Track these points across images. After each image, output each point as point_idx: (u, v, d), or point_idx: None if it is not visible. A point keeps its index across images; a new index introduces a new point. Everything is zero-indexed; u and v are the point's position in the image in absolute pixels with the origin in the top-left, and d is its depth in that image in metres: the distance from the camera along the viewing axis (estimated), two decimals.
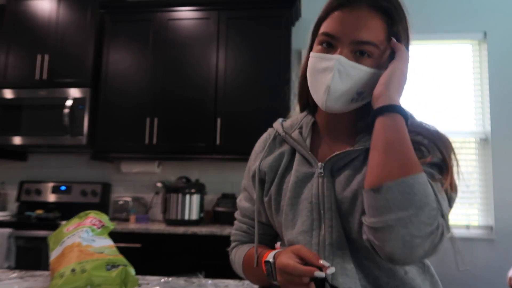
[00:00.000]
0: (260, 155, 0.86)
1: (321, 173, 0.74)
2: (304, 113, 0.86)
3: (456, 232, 2.73)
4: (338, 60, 0.70)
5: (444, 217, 0.63)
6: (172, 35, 2.78)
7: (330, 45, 0.73)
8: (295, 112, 0.92)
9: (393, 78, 0.68)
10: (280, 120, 0.88)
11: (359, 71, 0.70)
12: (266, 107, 2.58)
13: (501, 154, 2.76)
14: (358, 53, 0.71)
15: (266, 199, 0.82)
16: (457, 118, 2.87)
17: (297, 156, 0.80)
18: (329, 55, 0.71)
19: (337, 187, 0.73)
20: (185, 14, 2.80)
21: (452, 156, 0.70)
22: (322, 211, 0.72)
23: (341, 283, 0.65)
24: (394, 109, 0.65)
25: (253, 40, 2.70)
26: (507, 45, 2.85)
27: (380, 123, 0.65)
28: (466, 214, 2.80)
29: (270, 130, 0.92)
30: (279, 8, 2.69)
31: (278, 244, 0.75)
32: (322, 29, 0.74)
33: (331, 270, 0.61)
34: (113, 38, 2.83)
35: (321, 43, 0.74)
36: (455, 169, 0.69)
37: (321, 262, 0.62)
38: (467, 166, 2.87)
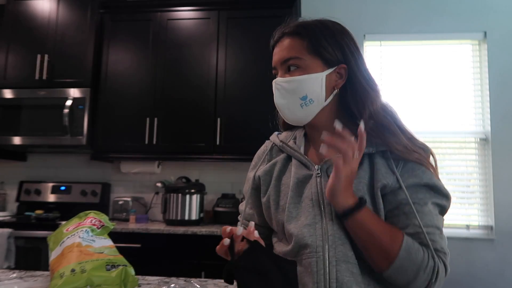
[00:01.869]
0: (258, 163, 0.98)
1: (318, 173, 0.85)
2: (296, 128, 1.00)
3: (456, 232, 2.73)
4: (275, 82, 0.89)
5: (445, 256, 0.79)
6: (172, 35, 2.78)
7: (276, 75, 0.92)
8: None
9: (334, 187, 0.76)
10: (276, 133, 1.02)
11: (291, 82, 0.86)
12: (265, 107, 2.57)
13: (501, 154, 2.76)
14: (288, 69, 0.88)
15: (264, 199, 0.91)
16: (457, 118, 2.87)
17: (294, 162, 0.90)
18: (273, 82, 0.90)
19: None
20: (185, 14, 2.80)
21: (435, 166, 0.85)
22: (322, 207, 0.81)
23: (343, 269, 0.76)
24: (349, 213, 0.76)
25: (253, 40, 2.70)
26: (507, 45, 2.85)
27: (347, 227, 0.78)
28: (466, 214, 2.80)
29: (267, 142, 1.03)
30: (279, 8, 2.69)
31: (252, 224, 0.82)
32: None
33: (239, 230, 0.73)
34: (113, 38, 2.83)
35: (274, 76, 0.93)
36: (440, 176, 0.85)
37: (229, 229, 0.74)
38: (467, 166, 2.87)
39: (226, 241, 0.72)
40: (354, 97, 0.86)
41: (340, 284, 0.75)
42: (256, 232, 0.76)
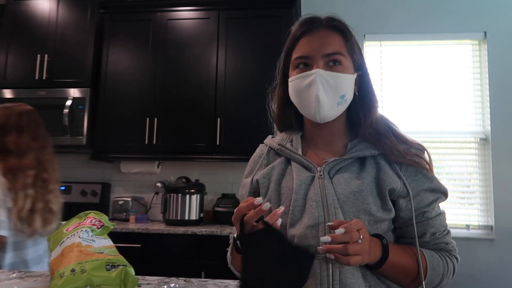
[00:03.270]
0: (255, 168, 0.95)
1: (321, 175, 0.84)
2: (291, 130, 0.99)
3: (456, 232, 2.73)
4: (317, 72, 0.83)
5: (455, 251, 0.88)
6: (172, 35, 2.78)
7: (306, 65, 0.86)
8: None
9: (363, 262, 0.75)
10: (270, 136, 1.01)
11: (336, 78, 0.83)
12: (266, 108, 2.57)
13: (501, 154, 2.76)
14: (331, 63, 0.84)
15: None
16: (457, 118, 2.87)
17: (294, 164, 0.89)
18: (308, 72, 0.84)
19: (337, 187, 0.83)
20: (185, 14, 2.80)
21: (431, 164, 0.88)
22: (325, 208, 0.80)
23: (346, 270, 0.76)
24: (382, 262, 0.77)
25: (253, 40, 2.70)
26: (507, 45, 2.85)
27: (381, 271, 0.80)
28: (466, 214, 2.80)
29: (262, 146, 1.02)
30: (279, 8, 2.69)
31: None
32: (295, 55, 0.88)
33: (266, 206, 0.71)
34: (113, 38, 2.83)
35: (297, 67, 0.87)
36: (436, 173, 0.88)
37: (255, 200, 0.72)
38: (467, 166, 2.87)
39: (267, 205, 0.71)
40: (362, 104, 0.89)
41: (344, 286, 0.75)
42: (280, 221, 0.72)
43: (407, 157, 0.84)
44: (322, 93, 0.83)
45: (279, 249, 0.68)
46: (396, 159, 0.84)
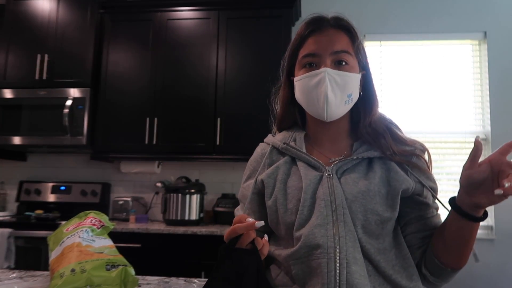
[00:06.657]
0: (258, 168, 0.94)
1: (329, 174, 0.84)
2: (293, 129, 0.98)
3: None
4: (326, 71, 0.84)
5: None
6: (172, 35, 2.78)
7: (311, 65, 0.87)
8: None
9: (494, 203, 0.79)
10: (270, 135, 1.00)
11: (344, 76, 0.85)
12: (266, 107, 2.57)
13: None
14: (337, 62, 0.86)
15: (270, 203, 0.88)
16: (457, 118, 2.87)
17: (300, 164, 0.88)
18: (317, 71, 0.86)
19: (345, 187, 0.83)
20: (185, 14, 2.80)
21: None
22: (333, 208, 0.80)
23: (353, 270, 0.75)
24: (484, 218, 0.82)
25: (253, 40, 2.70)
26: (507, 45, 2.85)
27: (471, 229, 0.80)
28: None
29: (263, 145, 1.00)
30: (279, 8, 2.69)
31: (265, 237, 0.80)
32: (302, 54, 0.89)
33: (259, 224, 0.71)
34: (113, 38, 2.83)
35: (304, 66, 0.88)
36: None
37: (249, 219, 0.72)
38: None
39: (260, 223, 0.70)
40: (364, 103, 0.91)
41: (350, 286, 0.74)
42: (267, 248, 0.74)
43: (402, 158, 0.85)
44: (330, 92, 0.84)
45: (253, 274, 0.69)
46: (392, 159, 0.85)
